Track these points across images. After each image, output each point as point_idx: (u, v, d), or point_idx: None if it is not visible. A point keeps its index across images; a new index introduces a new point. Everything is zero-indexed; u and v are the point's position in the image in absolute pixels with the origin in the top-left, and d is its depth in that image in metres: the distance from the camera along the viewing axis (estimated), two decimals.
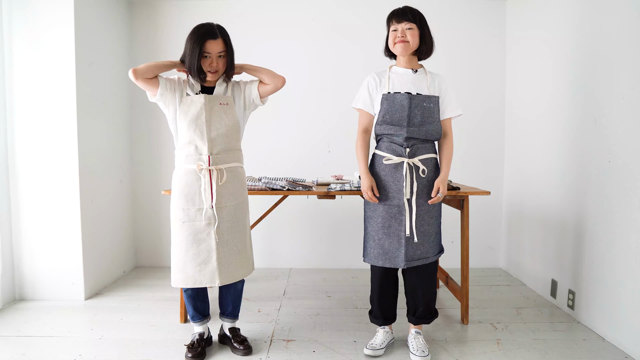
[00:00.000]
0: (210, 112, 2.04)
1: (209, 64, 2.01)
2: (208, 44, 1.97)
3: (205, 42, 1.97)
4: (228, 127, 2.08)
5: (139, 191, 3.78)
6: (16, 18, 2.85)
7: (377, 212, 2.13)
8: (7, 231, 2.91)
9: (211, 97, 2.06)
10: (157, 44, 3.70)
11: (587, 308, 2.55)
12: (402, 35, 2.07)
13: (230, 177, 2.10)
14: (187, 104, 2.05)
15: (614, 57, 2.33)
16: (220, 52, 2.01)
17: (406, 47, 2.07)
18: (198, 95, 2.05)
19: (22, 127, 2.91)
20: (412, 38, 2.06)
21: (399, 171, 2.09)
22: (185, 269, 2.05)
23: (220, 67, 2.04)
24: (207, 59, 2.00)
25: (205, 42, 1.97)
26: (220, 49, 2.00)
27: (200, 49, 1.96)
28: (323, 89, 3.72)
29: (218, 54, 2.01)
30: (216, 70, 2.03)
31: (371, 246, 2.16)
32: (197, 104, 2.04)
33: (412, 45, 2.08)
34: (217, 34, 1.99)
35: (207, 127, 2.03)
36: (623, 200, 2.25)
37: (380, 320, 2.27)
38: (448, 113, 2.16)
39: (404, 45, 2.07)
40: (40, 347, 2.29)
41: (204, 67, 2.01)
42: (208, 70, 2.02)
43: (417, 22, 2.07)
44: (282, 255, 3.82)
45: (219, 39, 1.99)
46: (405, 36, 2.06)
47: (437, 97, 2.11)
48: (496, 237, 3.82)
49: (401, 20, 2.07)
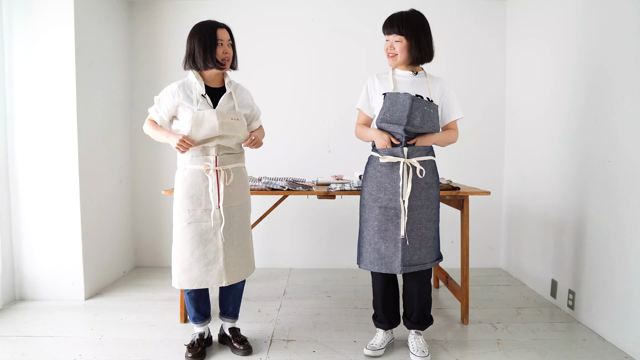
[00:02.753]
0: (222, 128, 2.03)
1: (223, 51, 2.04)
2: (219, 32, 2.04)
3: (216, 30, 2.03)
4: (240, 138, 2.12)
5: (139, 191, 3.78)
6: (16, 18, 2.85)
7: (373, 215, 2.10)
8: (7, 231, 2.91)
9: (223, 113, 2.04)
10: (157, 44, 3.70)
11: (587, 308, 2.55)
12: (390, 47, 2.09)
13: (236, 177, 2.12)
14: (199, 120, 2.01)
15: (614, 57, 2.33)
16: (229, 40, 2.08)
17: (394, 60, 2.10)
18: (210, 112, 2.02)
19: (22, 127, 2.91)
20: (400, 52, 2.06)
21: (396, 172, 2.07)
22: (191, 270, 2.05)
23: (231, 55, 2.09)
24: (221, 47, 2.04)
25: (217, 30, 2.03)
26: (228, 36, 2.08)
27: (214, 36, 2.01)
28: (323, 89, 3.72)
29: (228, 41, 2.07)
30: (229, 59, 2.07)
31: (367, 251, 2.12)
32: (210, 120, 2.01)
33: (399, 58, 2.08)
34: (223, 24, 2.08)
35: (218, 139, 2.05)
36: (623, 200, 2.25)
37: (385, 324, 2.26)
38: (453, 116, 2.19)
39: (392, 59, 2.11)
40: (40, 347, 2.29)
41: (219, 56, 2.03)
42: (223, 58, 2.04)
43: (406, 32, 2.03)
44: (282, 255, 3.82)
45: (224, 28, 2.07)
46: (393, 49, 2.08)
47: (437, 106, 2.11)
48: (496, 237, 3.82)
49: (390, 32, 2.08)
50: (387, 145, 2.07)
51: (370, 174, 2.14)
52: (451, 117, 2.18)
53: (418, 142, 2.09)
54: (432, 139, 2.12)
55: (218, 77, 2.13)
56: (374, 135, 2.11)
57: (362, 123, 2.22)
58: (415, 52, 2.05)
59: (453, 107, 2.18)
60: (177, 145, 1.98)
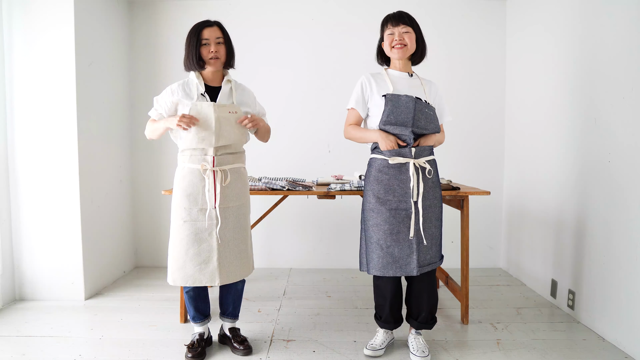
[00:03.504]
0: (219, 122, 2.02)
1: (209, 50, 2.03)
2: (205, 31, 2.03)
3: (201, 30, 2.03)
4: (236, 135, 2.10)
5: (139, 191, 3.78)
6: (16, 18, 2.85)
7: (383, 218, 2.04)
8: (7, 231, 2.91)
9: (220, 105, 2.05)
10: (157, 44, 3.70)
11: (587, 308, 2.55)
12: (399, 38, 2.06)
13: (234, 178, 2.10)
14: (195, 112, 2.02)
15: (614, 57, 2.33)
16: (218, 38, 2.05)
17: (404, 50, 2.08)
18: (207, 104, 2.03)
19: (22, 127, 2.91)
20: (410, 41, 2.07)
21: (404, 173, 2.05)
22: (184, 267, 2.05)
23: (221, 54, 2.06)
24: (207, 46, 2.03)
25: (202, 30, 2.03)
26: (217, 34, 2.05)
27: (197, 37, 2.02)
28: (323, 89, 3.72)
29: (216, 39, 2.04)
30: (217, 57, 2.04)
31: (379, 256, 2.05)
32: (207, 113, 2.02)
33: (410, 48, 2.08)
34: (212, 22, 2.07)
35: (216, 136, 2.03)
36: (623, 200, 2.25)
37: (391, 324, 2.25)
38: (444, 119, 2.24)
39: (403, 49, 2.07)
40: (40, 347, 2.29)
41: (204, 55, 2.03)
42: (209, 57, 2.03)
43: (413, 25, 2.08)
44: (282, 255, 3.82)
45: (214, 26, 2.06)
46: (403, 39, 2.07)
47: (434, 107, 2.13)
48: (496, 237, 3.82)
49: (398, 24, 2.07)
50: (394, 147, 2.05)
51: (375, 177, 2.10)
52: (442, 119, 2.22)
53: (422, 143, 2.09)
54: (431, 139, 2.12)
55: (218, 76, 2.13)
56: (377, 137, 2.07)
57: (353, 123, 2.18)
58: (423, 44, 2.12)
59: (444, 109, 2.23)
60: (179, 123, 1.96)
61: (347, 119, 2.20)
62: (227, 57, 2.10)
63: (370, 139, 2.12)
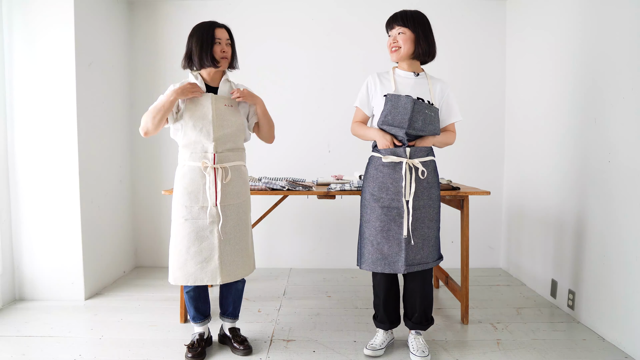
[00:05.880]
0: (216, 112, 2.06)
1: (221, 50, 2.07)
2: (217, 31, 2.07)
3: (214, 29, 2.06)
4: (234, 127, 2.11)
5: (139, 191, 3.78)
6: (16, 18, 2.85)
7: (375, 215, 2.09)
8: (7, 231, 2.91)
9: (217, 97, 2.09)
10: (157, 44, 3.70)
11: (587, 308, 2.55)
12: (394, 41, 2.08)
13: (235, 175, 2.11)
14: (193, 103, 2.07)
15: (614, 57, 2.33)
16: (228, 40, 2.11)
17: (397, 53, 2.09)
18: (205, 95, 2.07)
19: (22, 127, 2.91)
20: (403, 43, 2.06)
21: (398, 172, 2.07)
22: (186, 266, 2.05)
23: (229, 54, 2.11)
24: (219, 46, 2.07)
25: (215, 30, 2.06)
26: (227, 36, 2.11)
27: (212, 35, 2.05)
28: (323, 89, 3.72)
29: (226, 40, 2.10)
30: (226, 57, 2.09)
31: (369, 251, 2.11)
32: (203, 104, 2.06)
33: (403, 51, 2.07)
34: (220, 24, 2.11)
35: (213, 126, 2.05)
36: (623, 200, 2.25)
37: (386, 324, 2.26)
38: (452, 119, 2.20)
39: (395, 53, 2.10)
40: (40, 347, 2.29)
41: (216, 54, 2.06)
42: (221, 57, 2.07)
43: (410, 25, 2.04)
44: (282, 255, 3.82)
45: (223, 28, 2.11)
46: (396, 42, 2.07)
47: (437, 109, 2.12)
48: (496, 237, 3.82)
49: (393, 26, 2.08)
50: (390, 146, 2.07)
51: (371, 174, 2.14)
52: (450, 120, 2.20)
53: (417, 144, 2.09)
54: (431, 140, 2.12)
55: (217, 77, 2.15)
56: (375, 135, 2.11)
57: (359, 121, 2.22)
58: (424, 44, 2.05)
59: (452, 109, 2.19)
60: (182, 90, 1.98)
61: (353, 117, 2.25)
62: (231, 58, 2.15)
63: (369, 137, 2.16)
